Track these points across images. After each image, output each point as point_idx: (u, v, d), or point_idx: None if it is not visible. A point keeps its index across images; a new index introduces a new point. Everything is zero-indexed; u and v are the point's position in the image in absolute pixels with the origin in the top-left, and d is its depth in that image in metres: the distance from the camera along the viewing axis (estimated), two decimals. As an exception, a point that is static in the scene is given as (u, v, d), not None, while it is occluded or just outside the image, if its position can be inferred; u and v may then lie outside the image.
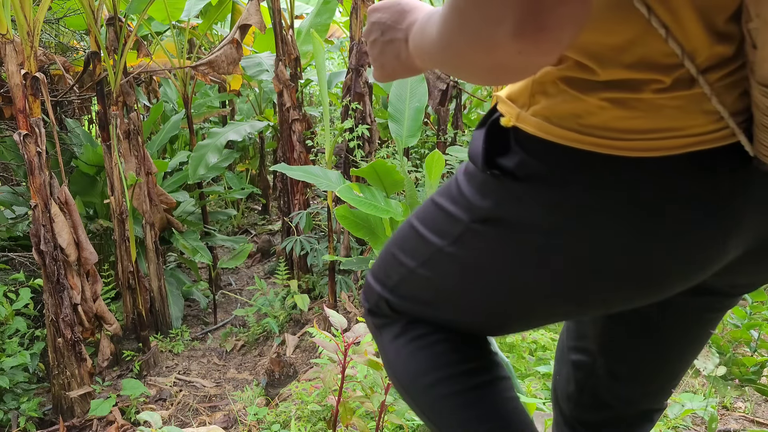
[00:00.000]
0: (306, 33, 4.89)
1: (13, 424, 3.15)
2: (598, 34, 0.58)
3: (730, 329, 1.80)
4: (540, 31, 0.45)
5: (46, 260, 3.06)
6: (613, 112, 0.61)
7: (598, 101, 0.61)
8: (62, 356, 3.18)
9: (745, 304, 1.86)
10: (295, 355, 3.72)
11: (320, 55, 3.49)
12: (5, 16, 2.82)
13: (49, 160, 3.08)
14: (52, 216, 3.03)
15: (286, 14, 4.32)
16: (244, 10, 3.76)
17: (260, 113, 6.15)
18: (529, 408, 1.48)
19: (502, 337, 2.14)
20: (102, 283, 3.43)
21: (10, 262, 4.01)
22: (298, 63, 4.29)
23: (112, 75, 3.54)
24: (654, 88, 0.59)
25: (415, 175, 4.22)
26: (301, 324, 4.07)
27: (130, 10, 3.78)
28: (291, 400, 2.69)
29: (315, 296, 4.30)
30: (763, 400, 2.13)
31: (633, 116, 0.61)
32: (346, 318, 3.30)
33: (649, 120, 0.60)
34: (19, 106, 2.91)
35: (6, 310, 3.37)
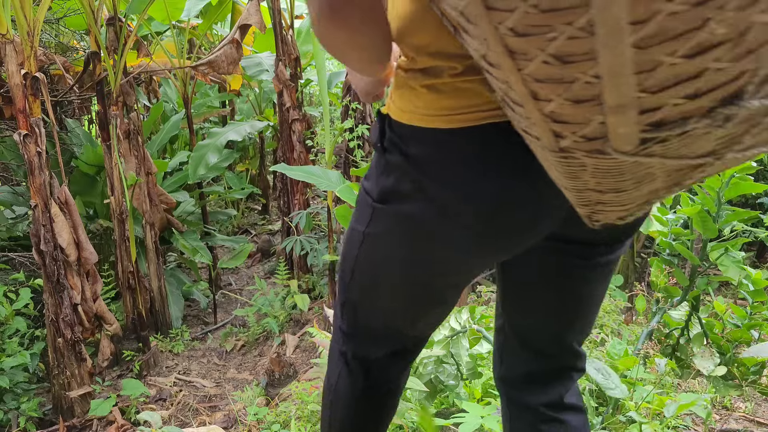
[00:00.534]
0: (306, 33, 4.89)
1: (13, 424, 3.15)
2: (416, 32, 0.79)
3: (731, 329, 1.79)
4: (334, 13, 0.69)
5: (46, 260, 3.06)
6: (430, 95, 0.80)
7: (421, 88, 0.81)
8: (62, 356, 3.18)
9: (745, 304, 1.86)
10: (295, 355, 3.72)
11: (320, 55, 3.49)
12: (5, 16, 2.82)
13: (49, 160, 3.08)
14: (52, 216, 3.04)
15: (286, 14, 4.32)
16: (244, 10, 3.76)
17: (260, 113, 6.15)
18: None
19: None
20: (102, 283, 3.43)
21: (10, 262, 4.01)
22: (298, 63, 4.29)
23: (112, 75, 3.54)
24: (451, 73, 0.77)
25: (415, 175, 4.22)
26: (301, 324, 4.07)
27: (130, 10, 3.78)
28: (291, 400, 2.68)
29: (315, 296, 4.30)
30: (763, 400, 2.13)
31: (442, 97, 0.79)
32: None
33: (453, 99, 0.78)
34: (19, 106, 2.91)
35: (6, 310, 3.38)
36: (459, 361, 1.61)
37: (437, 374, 1.62)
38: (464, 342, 1.63)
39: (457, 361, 1.62)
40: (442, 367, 1.62)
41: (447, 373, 1.62)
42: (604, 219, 0.73)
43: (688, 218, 1.84)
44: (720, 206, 1.77)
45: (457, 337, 1.62)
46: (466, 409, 1.44)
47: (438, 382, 1.62)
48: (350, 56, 0.81)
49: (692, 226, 1.83)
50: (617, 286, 3.38)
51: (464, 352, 1.62)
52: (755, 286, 1.78)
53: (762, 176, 3.64)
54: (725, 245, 1.81)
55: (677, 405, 1.35)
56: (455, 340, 1.63)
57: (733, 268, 1.78)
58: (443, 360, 1.63)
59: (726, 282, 2.59)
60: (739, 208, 1.80)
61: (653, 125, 0.51)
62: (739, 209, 1.79)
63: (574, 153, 0.59)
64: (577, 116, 0.54)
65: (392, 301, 0.98)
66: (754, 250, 3.84)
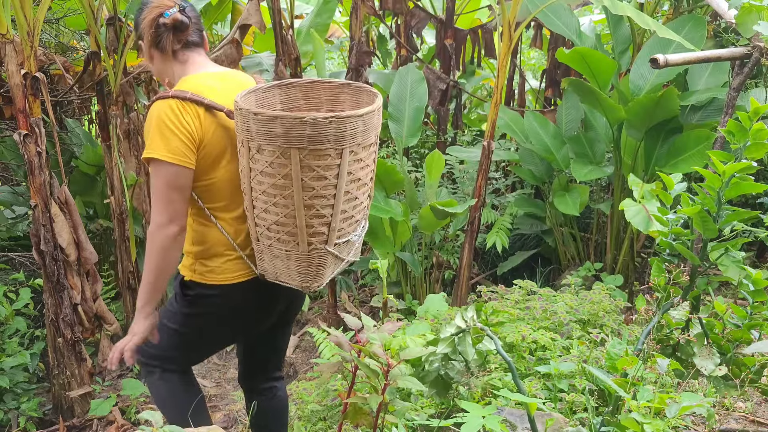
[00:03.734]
0: (306, 33, 4.89)
1: (13, 424, 3.15)
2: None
3: (731, 329, 1.79)
4: (167, 229, 1.62)
5: (46, 260, 3.06)
6: (216, 266, 1.73)
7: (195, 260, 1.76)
8: (62, 356, 3.18)
9: (745, 304, 1.86)
10: (295, 355, 3.72)
11: (320, 55, 3.50)
12: (5, 16, 2.82)
13: (49, 160, 3.08)
14: (52, 216, 3.03)
15: (286, 14, 4.31)
16: (244, 10, 3.76)
17: (260, 113, 6.13)
18: (530, 408, 1.48)
19: (503, 337, 2.14)
20: (102, 283, 3.43)
21: (10, 262, 4.01)
22: (298, 63, 4.28)
23: (112, 75, 3.54)
24: (228, 257, 1.75)
25: (415, 175, 4.22)
26: (301, 324, 4.07)
27: (130, 10, 3.77)
28: (291, 400, 2.68)
29: (315, 296, 4.30)
30: (763, 400, 2.14)
31: (213, 267, 1.73)
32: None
33: (225, 268, 1.72)
34: (19, 106, 2.91)
35: (6, 310, 3.37)
36: (466, 358, 1.63)
37: (447, 370, 1.64)
38: (469, 339, 1.64)
39: (464, 357, 1.63)
40: (450, 363, 1.64)
41: (456, 369, 1.64)
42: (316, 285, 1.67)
43: (689, 218, 1.84)
44: (720, 206, 1.77)
45: (463, 334, 1.63)
46: (466, 409, 1.44)
47: (448, 378, 1.64)
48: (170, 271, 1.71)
49: (692, 226, 1.83)
50: (617, 286, 3.39)
51: (470, 349, 1.63)
52: (755, 286, 1.78)
53: (762, 176, 3.64)
54: (725, 245, 1.81)
55: (680, 406, 1.35)
56: (461, 338, 1.63)
57: (733, 268, 1.78)
58: (450, 357, 1.64)
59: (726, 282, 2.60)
60: (740, 208, 1.80)
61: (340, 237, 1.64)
62: (740, 209, 1.79)
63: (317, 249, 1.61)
64: (320, 229, 1.59)
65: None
66: (754, 250, 3.85)
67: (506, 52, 3.24)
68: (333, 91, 1.73)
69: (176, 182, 1.58)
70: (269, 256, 1.63)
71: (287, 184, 1.48)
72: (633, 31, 3.73)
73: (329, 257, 1.62)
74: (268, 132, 1.44)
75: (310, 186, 1.49)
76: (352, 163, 1.52)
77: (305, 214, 1.53)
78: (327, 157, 1.47)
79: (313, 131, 1.42)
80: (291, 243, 1.57)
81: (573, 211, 3.49)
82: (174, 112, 1.57)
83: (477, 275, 4.34)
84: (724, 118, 2.97)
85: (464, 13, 5.00)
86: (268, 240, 1.60)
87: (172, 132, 1.56)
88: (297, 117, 1.42)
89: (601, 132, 3.73)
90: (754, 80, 3.41)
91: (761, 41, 2.87)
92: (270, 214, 1.55)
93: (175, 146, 1.55)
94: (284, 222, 1.54)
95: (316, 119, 1.41)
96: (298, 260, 1.59)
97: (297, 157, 1.45)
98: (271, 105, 1.70)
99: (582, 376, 1.97)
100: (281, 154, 1.45)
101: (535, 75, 6.72)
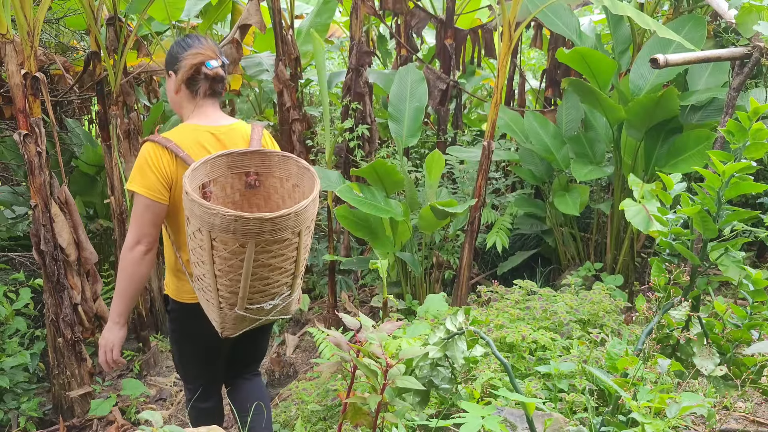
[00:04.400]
0: (306, 33, 4.89)
1: (13, 424, 3.15)
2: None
3: (731, 329, 1.79)
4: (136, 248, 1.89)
5: (46, 260, 3.06)
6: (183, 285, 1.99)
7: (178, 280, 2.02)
8: (62, 356, 3.18)
9: (745, 304, 1.86)
10: (295, 355, 3.72)
11: (320, 55, 3.49)
12: (5, 16, 2.82)
13: (49, 160, 3.08)
14: (52, 216, 3.03)
15: (286, 14, 4.32)
16: (244, 10, 3.76)
17: (260, 113, 6.15)
18: (529, 408, 1.48)
19: (502, 338, 2.14)
20: (102, 282, 3.43)
21: (10, 262, 4.01)
22: (298, 63, 4.29)
23: (112, 75, 3.54)
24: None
25: (415, 175, 4.22)
26: (301, 324, 4.07)
27: (130, 10, 3.77)
28: (291, 400, 2.68)
29: (315, 296, 4.30)
30: (764, 400, 2.14)
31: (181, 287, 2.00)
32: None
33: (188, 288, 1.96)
34: (19, 106, 2.91)
35: (6, 310, 3.37)
36: (454, 363, 1.61)
37: (432, 378, 1.61)
38: (460, 344, 1.62)
39: (451, 364, 1.61)
40: (437, 370, 1.62)
41: (442, 376, 1.62)
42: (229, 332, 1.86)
43: (688, 218, 1.83)
44: (720, 206, 1.77)
45: (452, 339, 1.62)
46: (465, 409, 1.44)
47: (432, 386, 1.61)
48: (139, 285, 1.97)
49: (692, 226, 1.83)
50: (617, 286, 3.38)
51: (459, 355, 1.61)
52: (755, 286, 1.77)
53: (762, 176, 3.64)
54: (725, 245, 1.81)
55: (680, 406, 1.35)
56: (451, 342, 1.62)
57: (733, 268, 1.77)
58: (438, 363, 1.62)
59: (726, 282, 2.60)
60: (740, 208, 1.80)
61: (251, 304, 1.79)
62: (740, 209, 1.79)
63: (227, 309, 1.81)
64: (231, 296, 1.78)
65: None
66: (754, 250, 3.85)
67: (506, 52, 3.24)
68: (263, 160, 1.92)
69: (148, 211, 1.85)
70: (202, 299, 1.86)
71: (203, 252, 1.71)
72: (633, 31, 3.73)
73: (239, 316, 1.79)
74: (189, 210, 1.68)
75: (222, 259, 1.68)
76: (261, 252, 1.68)
77: (216, 280, 1.73)
78: (234, 243, 1.65)
79: (222, 223, 1.62)
80: (209, 294, 1.79)
81: (573, 211, 3.49)
82: (156, 154, 1.86)
83: (477, 275, 4.34)
84: (724, 118, 2.97)
85: (464, 13, 5.00)
86: (197, 284, 1.84)
87: (151, 170, 1.85)
88: (229, 214, 1.60)
89: (601, 132, 3.73)
90: (754, 80, 3.41)
91: (761, 41, 2.87)
92: (197, 268, 1.78)
93: (151, 183, 1.84)
94: (201, 278, 1.78)
95: (225, 215, 1.61)
96: (214, 311, 1.81)
97: (209, 237, 1.65)
98: (244, 168, 1.90)
99: (582, 376, 1.97)
100: (199, 229, 1.67)
101: (535, 75, 6.72)
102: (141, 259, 1.88)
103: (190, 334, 2.05)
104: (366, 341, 1.47)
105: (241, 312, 1.77)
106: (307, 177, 1.85)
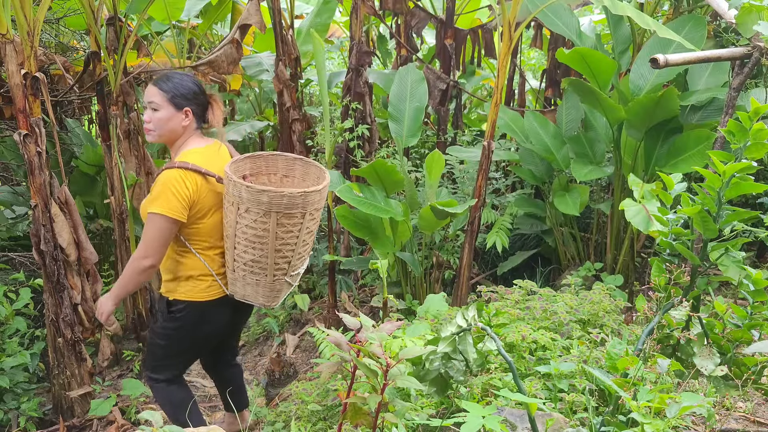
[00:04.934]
0: (306, 33, 4.89)
1: (13, 424, 3.15)
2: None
3: (731, 329, 1.79)
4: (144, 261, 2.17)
5: (46, 260, 3.06)
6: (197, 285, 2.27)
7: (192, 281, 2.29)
8: (62, 356, 3.18)
9: (745, 304, 1.86)
10: (295, 355, 3.72)
11: (320, 55, 3.49)
12: (5, 16, 2.82)
13: (49, 160, 3.08)
14: (52, 216, 3.03)
15: (286, 14, 4.32)
16: (244, 10, 3.76)
17: (260, 113, 6.15)
18: (530, 408, 1.48)
19: (503, 338, 2.14)
20: (102, 283, 3.43)
21: (10, 262, 4.01)
22: (298, 63, 4.28)
23: (112, 75, 3.54)
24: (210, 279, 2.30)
25: (415, 175, 4.22)
26: (301, 324, 4.07)
27: (130, 10, 3.77)
28: (291, 400, 2.68)
29: (315, 296, 4.30)
30: (764, 400, 2.13)
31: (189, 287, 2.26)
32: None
33: (199, 289, 2.26)
34: (19, 106, 2.91)
35: (6, 310, 3.37)
36: (467, 357, 1.62)
37: (446, 369, 1.63)
38: (470, 339, 1.63)
39: (465, 357, 1.62)
40: (451, 362, 1.63)
41: (456, 368, 1.63)
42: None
43: (689, 218, 1.83)
44: (720, 206, 1.77)
45: (463, 333, 1.63)
46: (466, 408, 1.44)
47: (447, 377, 1.63)
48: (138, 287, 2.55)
49: (692, 226, 1.83)
50: (617, 286, 3.38)
51: (471, 349, 1.62)
52: (755, 286, 1.77)
53: (762, 176, 3.64)
54: (725, 245, 1.81)
55: (680, 406, 1.35)
56: (462, 337, 1.63)
57: (733, 268, 1.77)
58: (451, 356, 1.63)
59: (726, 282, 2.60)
60: (740, 208, 1.80)
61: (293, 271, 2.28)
62: (740, 209, 1.79)
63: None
64: (285, 266, 2.23)
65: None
66: (754, 250, 3.85)
67: (506, 52, 3.24)
68: (288, 162, 2.39)
69: (164, 231, 2.13)
70: (242, 283, 2.23)
71: (265, 235, 2.10)
72: (633, 31, 3.73)
73: (285, 285, 2.28)
74: (256, 200, 2.05)
75: (281, 237, 2.13)
76: (309, 221, 2.18)
77: (275, 255, 2.17)
78: (294, 218, 2.12)
79: (288, 201, 2.07)
80: (261, 275, 2.20)
81: (573, 211, 3.49)
82: (179, 180, 2.12)
83: (477, 275, 4.34)
84: (724, 118, 2.97)
85: (464, 13, 5.00)
86: (242, 271, 2.20)
87: (174, 195, 2.11)
88: (278, 191, 2.06)
89: (601, 132, 3.73)
90: (754, 80, 3.41)
91: (761, 41, 2.87)
92: (248, 254, 2.15)
93: (174, 206, 2.11)
94: (258, 260, 2.16)
95: (292, 193, 2.07)
96: (264, 287, 2.23)
97: (274, 218, 2.08)
98: (242, 171, 2.28)
99: (582, 376, 1.97)
100: (264, 215, 2.07)
101: (535, 75, 6.73)
102: (144, 271, 2.18)
103: (199, 327, 2.31)
104: (366, 341, 1.47)
105: (287, 279, 2.25)
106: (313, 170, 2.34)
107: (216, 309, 2.29)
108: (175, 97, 2.20)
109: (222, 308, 2.31)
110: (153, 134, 2.24)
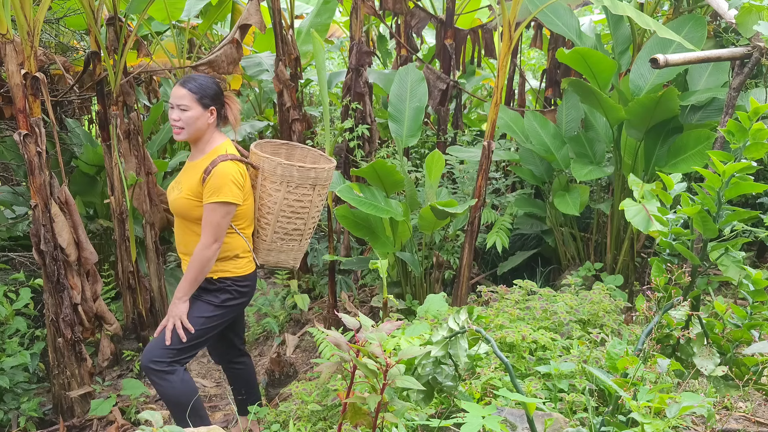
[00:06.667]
0: (306, 33, 4.89)
1: (13, 424, 3.15)
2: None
3: (731, 329, 1.79)
4: (214, 245, 2.41)
5: (46, 260, 3.06)
6: (240, 261, 2.55)
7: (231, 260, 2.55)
8: (62, 356, 3.18)
9: (745, 304, 1.86)
10: (295, 355, 3.72)
11: (320, 55, 3.49)
12: (5, 16, 2.82)
13: (49, 160, 3.08)
14: (52, 216, 3.03)
15: (286, 14, 4.32)
16: (244, 10, 3.76)
17: (260, 113, 6.15)
18: (529, 408, 1.48)
19: (503, 338, 2.14)
20: (102, 283, 3.43)
21: (10, 262, 4.01)
22: (298, 63, 4.29)
23: (112, 75, 3.54)
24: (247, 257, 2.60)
25: (415, 175, 4.22)
26: (301, 324, 4.07)
27: (130, 10, 3.77)
28: (291, 400, 2.68)
29: (315, 296, 4.30)
30: (764, 400, 2.13)
31: (237, 264, 2.55)
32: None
33: (242, 264, 2.55)
34: (19, 106, 2.91)
35: (6, 310, 3.37)
36: (457, 362, 1.61)
37: (435, 375, 1.61)
38: (462, 342, 1.62)
39: (455, 362, 1.61)
40: (440, 368, 1.62)
41: (445, 374, 1.61)
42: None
43: (689, 218, 1.83)
44: (720, 206, 1.77)
45: (455, 337, 1.62)
46: (466, 409, 1.44)
47: (435, 384, 1.62)
48: (206, 274, 2.47)
49: (692, 226, 1.83)
50: (617, 286, 3.38)
51: (462, 353, 1.61)
52: (755, 286, 1.77)
53: (762, 176, 3.64)
54: (725, 245, 1.81)
55: (680, 406, 1.35)
56: (453, 341, 1.62)
57: (733, 268, 1.78)
58: (441, 361, 1.62)
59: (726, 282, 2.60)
60: (740, 208, 1.80)
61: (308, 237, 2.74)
62: (740, 209, 1.79)
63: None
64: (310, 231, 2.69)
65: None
66: (754, 250, 3.85)
67: (506, 52, 3.24)
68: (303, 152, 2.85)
69: (229, 217, 2.41)
70: (277, 252, 2.63)
71: (308, 205, 2.58)
72: (633, 31, 3.73)
73: (306, 245, 2.75)
74: (305, 176, 2.50)
75: (317, 205, 2.61)
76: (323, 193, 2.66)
77: (311, 221, 2.64)
78: (325, 188, 2.61)
79: (326, 175, 2.58)
80: (297, 240, 2.64)
81: (573, 211, 3.49)
82: (236, 170, 2.41)
83: (477, 275, 4.34)
84: (724, 118, 2.97)
85: (464, 13, 5.00)
86: (281, 240, 2.61)
87: (234, 184, 2.39)
88: (320, 167, 2.55)
89: (601, 132, 3.72)
90: (754, 80, 3.41)
91: (761, 41, 2.87)
92: (291, 224, 2.58)
93: (237, 192, 2.41)
94: (298, 228, 2.60)
95: (329, 168, 2.60)
96: (298, 250, 2.69)
97: (317, 190, 2.57)
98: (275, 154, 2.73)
99: (582, 376, 1.97)
100: (309, 188, 2.53)
101: (535, 75, 6.73)
102: (213, 255, 2.42)
103: (239, 299, 2.58)
104: (366, 341, 1.47)
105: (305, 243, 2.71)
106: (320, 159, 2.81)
107: (251, 282, 2.61)
108: (203, 97, 2.42)
109: (254, 281, 2.64)
110: (183, 132, 2.44)
